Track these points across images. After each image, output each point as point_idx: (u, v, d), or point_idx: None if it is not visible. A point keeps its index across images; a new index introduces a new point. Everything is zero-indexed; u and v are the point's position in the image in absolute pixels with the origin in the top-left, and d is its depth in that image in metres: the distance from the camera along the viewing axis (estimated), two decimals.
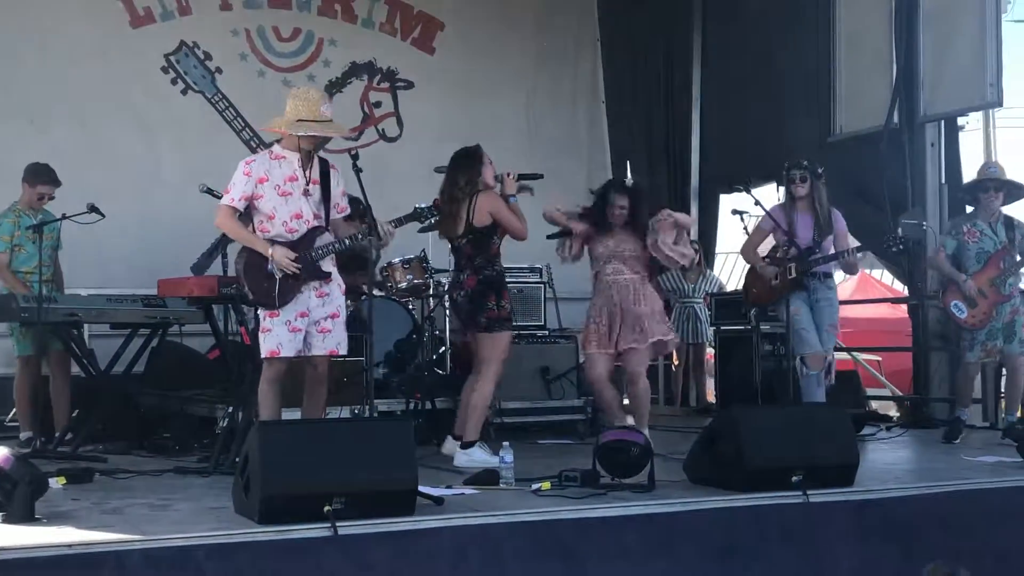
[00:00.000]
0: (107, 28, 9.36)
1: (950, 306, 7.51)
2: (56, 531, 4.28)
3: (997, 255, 7.44)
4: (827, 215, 7.27)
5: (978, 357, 7.51)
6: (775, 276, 7.32)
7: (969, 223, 7.59)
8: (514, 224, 6.48)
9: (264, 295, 5.54)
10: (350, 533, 4.32)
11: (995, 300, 7.40)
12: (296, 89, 5.81)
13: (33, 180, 7.28)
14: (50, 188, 7.30)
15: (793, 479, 5.10)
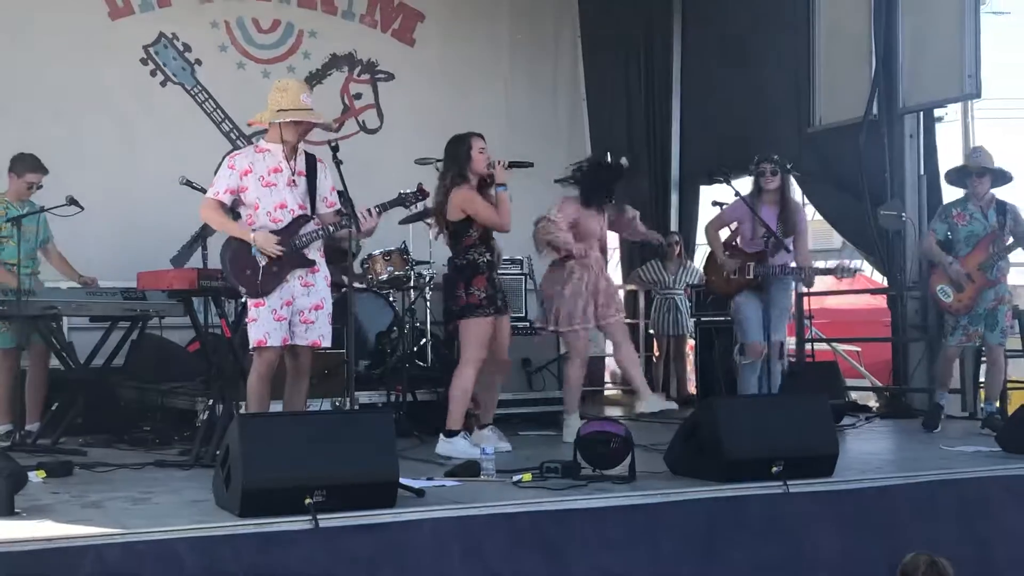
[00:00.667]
0: (85, 19, 9.29)
1: (936, 289, 7.46)
2: (36, 525, 4.26)
3: (986, 239, 7.36)
4: (794, 212, 7.37)
5: (959, 341, 7.46)
6: (734, 271, 7.43)
7: (959, 207, 7.53)
8: (490, 218, 6.45)
9: (248, 283, 5.56)
10: (331, 525, 4.31)
11: (981, 285, 7.33)
12: (278, 81, 5.84)
13: (20, 169, 7.25)
14: (38, 176, 7.26)
15: (773, 469, 5.14)
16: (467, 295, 6.48)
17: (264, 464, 4.40)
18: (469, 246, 6.52)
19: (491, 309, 6.47)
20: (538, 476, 5.30)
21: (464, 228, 6.51)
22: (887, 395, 9.43)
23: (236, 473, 4.40)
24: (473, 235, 6.51)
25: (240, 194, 5.64)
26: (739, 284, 7.41)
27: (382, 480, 4.59)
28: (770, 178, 7.33)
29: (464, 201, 6.45)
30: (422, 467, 5.75)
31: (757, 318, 7.29)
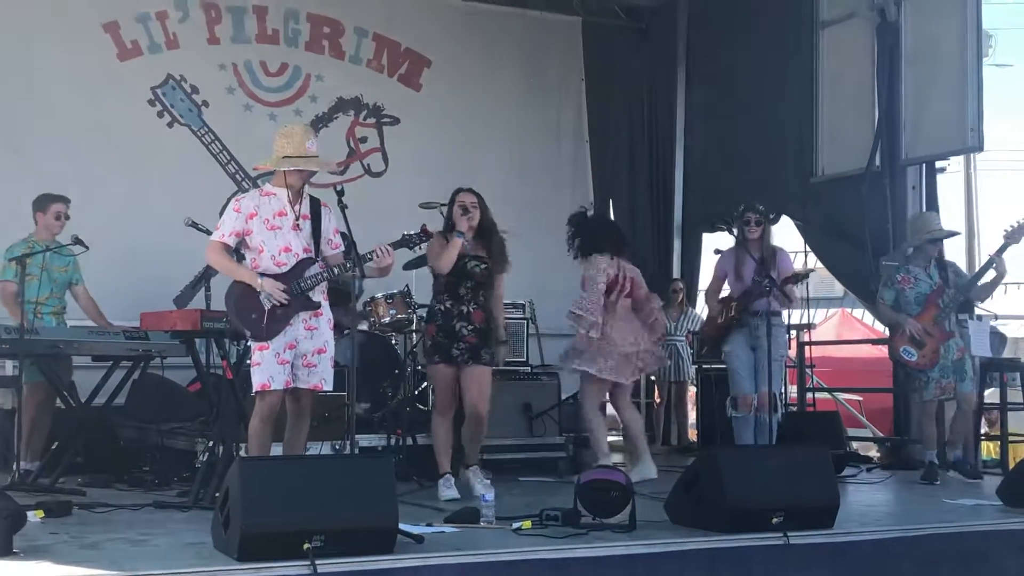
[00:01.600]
0: (94, 60, 9.38)
1: (900, 351, 7.64)
2: (34, 566, 4.26)
3: (934, 294, 7.60)
4: (771, 254, 7.49)
5: (933, 395, 7.61)
6: (720, 314, 7.57)
7: (902, 272, 7.74)
8: (430, 258, 6.59)
9: (254, 326, 5.57)
10: (329, 571, 4.29)
11: (940, 338, 7.53)
12: (283, 128, 5.86)
13: (44, 204, 7.30)
14: (63, 205, 7.32)
15: (774, 520, 5.12)
16: (422, 343, 6.71)
17: (263, 508, 4.39)
18: (437, 292, 6.67)
19: (436, 357, 6.52)
20: (538, 524, 5.29)
21: (434, 274, 6.69)
22: (888, 445, 9.40)
23: (235, 516, 4.39)
24: (440, 280, 6.64)
25: (245, 237, 5.67)
26: (725, 326, 7.51)
27: (381, 526, 4.59)
28: (754, 227, 7.49)
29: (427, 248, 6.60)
30: (421, 512, 5.73)
31: (748, 369, 7.40)
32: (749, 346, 7.38)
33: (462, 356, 6.50)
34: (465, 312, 6.56)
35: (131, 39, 9.52)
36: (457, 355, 6.50)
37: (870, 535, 5.39)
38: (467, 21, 10.78)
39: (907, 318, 7.59)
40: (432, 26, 10.67)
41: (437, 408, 6.69)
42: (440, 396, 6.62)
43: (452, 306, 6.55)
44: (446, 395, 6.58)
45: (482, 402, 6.57)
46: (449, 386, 6.56)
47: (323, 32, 10.25)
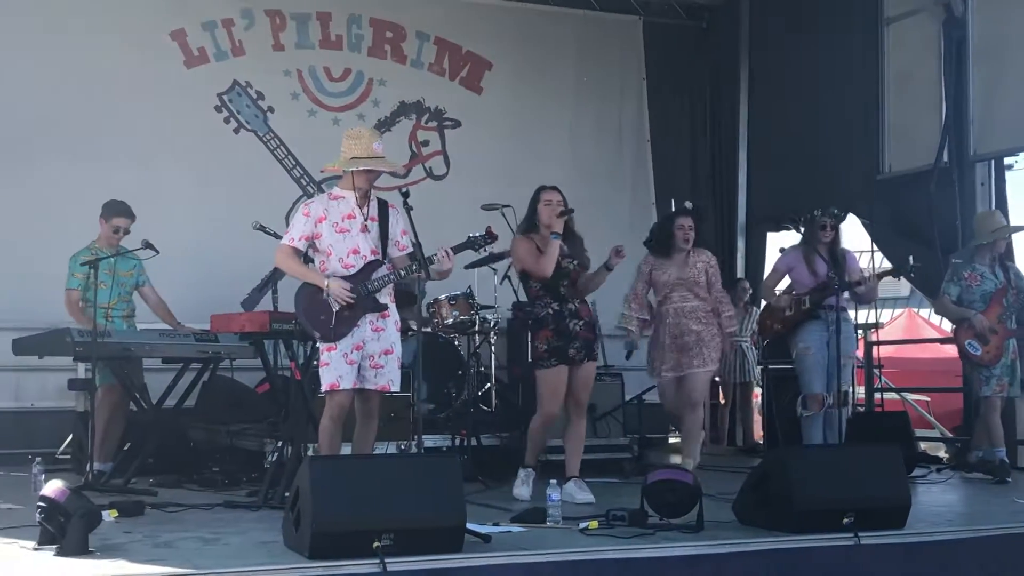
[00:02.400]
0: (162, 68, 9.52)
1: (965, 345, 7.67)
2: (109, 564, 4.34)
3: (999, 293, 7.67)
4: (842, 254, 7.52)
5: (993, 391, 7.65)
6: (789, 307, 7.54)
7: (968, 268, 7.75)
8: (527, 264, 6.48)
9: (322, 327, 5.62)
10: (399, 569, 4.33)
11: (1004, 335, 7.62)
12: (350, 130, 5.91)
13: (108, 214, 7.41)
14: (124, 220, 7.42)
15: (844, 521, 5.07)
16: (532, 348, 6.54)
17: (333, 507, 4.43)
18: (535, 298, 6.55)
19: (553, 360, 6.43)
20: (604, 524, 5.28)
21: (525, 279, 6.60)
22: (957, 446, 9.26)
23: (305, 515, 4.45)
24: (535, 286, 6.54)
25: (314, 240, 5.73)
26: (795, 319, 7.49)
27: (449, 525, 4.61)
28: (829, 231, 7.51)
29: (513, 252, 6.59)
30: (488, 512, 5.76)
31: (822, 368, 7.35)
32: (824, 342, 7.32)
33: (578, 355, 6.44)
34: (574, 310, 6.50)
35: (198, 46, 9.66)
36: (573, 354, 6.42)
37: (942, 535, 5.33)
38: (528, 23, 10.80)
39: (975, 313, 7.60)
40: (493, 28, 10.70)
41: (546, 415, 6.46)
42: (552, 400, 6.44)
43: (560, 307, 6.47)
44: (558, 399, 6.45)
45: (585, 395, 6.59)
46: (561, 387, 6.44)
47: (385, 37, 10.32)
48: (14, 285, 8.64)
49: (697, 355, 7.09)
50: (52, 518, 4.62)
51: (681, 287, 7.12)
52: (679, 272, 7.13)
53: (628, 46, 11.22)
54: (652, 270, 7.20)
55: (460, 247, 5.93)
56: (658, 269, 7.18)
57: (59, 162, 8.99)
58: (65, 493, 4.65)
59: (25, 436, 8.49)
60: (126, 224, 7.42)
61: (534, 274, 6.47)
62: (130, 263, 7.49)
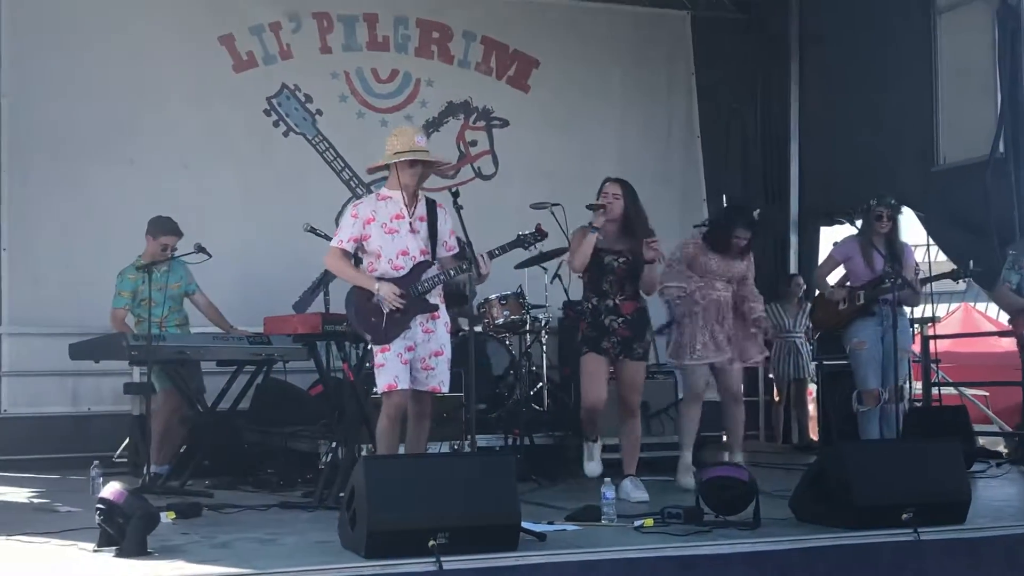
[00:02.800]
0: (211, 72, 9.59)
1: None
2: (168, 565, 4.37)
3: None
4: (900, 248, 7.40)
5: None
6: (843, 300, 7.43)
7: None
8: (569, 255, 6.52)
9: (374, 330, 5.63)
10: (454, 568, 4.32)
11: None
12: (394, 129, 5.94)
13: (156, 231, 7.48)
14: (173, 239, 7.48)
15: (903, 516, 5.00)
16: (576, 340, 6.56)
17: (389, 506, 4.44)
18: (584, 290, 6.59)
19: (584, 348, 6.43)
20: (660, 521, 5.25)
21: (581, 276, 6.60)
22: (1017, 440, 9.13)
23: (361, 514, 4.46)
24: (583, 278, 6.56)
25: (363, 242, 5.74)
26: (849, 314, 7.39)
27: (504, 523, 4.61)
28: (885, 222, 7.38)
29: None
30: (542, 511, 5.74)
31: (877, 363, 7.26)
32: (879, 337, 7.23)
33: (613, 349, 6.40)
34: (612, 306, 6.43)
35: (246, 51, 9.71)
36: (608, 347, 6.39)
37: (1004, 530, 5.24)
38: (574, 20, 10.75)
39: None
40: (540, 27, 10.66)
41: (583, 402, 6.47)
42: (587, 389, 6.40)
43: (598, 302, 6.45)
44: (594, 384, 6.38)
45: (633, 396, 6.50)
46: (598, 375, 6.39)
47: (432, 37, 10.33)
48: (70, 291, 8.75)
49: (736, 348, 7.01)
50: (111, 520, 4.66)
51: (723, 279, 7.03)
52: (726, 265, 7.03)
53: (677, 41, 11.14)
54: (699, 254, 7.06)
55: (510, 245, 5.92)
56: (704, 256, 7.05)
57: (112, 169, 9.09)
58: (124, 495, 4.69)
59: (82, 440, 8.59)
60: (173, 242, 7.48)
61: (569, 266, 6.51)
62: (177, 274, 7.55)
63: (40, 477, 7.89)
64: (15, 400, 8.85)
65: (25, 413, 8.81)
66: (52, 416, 8.80)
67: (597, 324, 6.43)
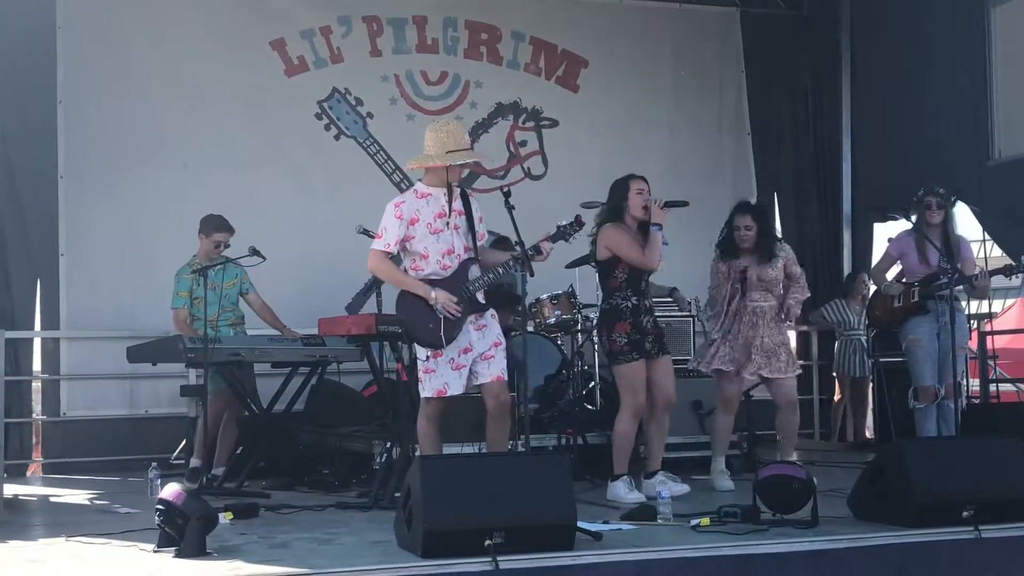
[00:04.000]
0: (263, 77, 9.67)
1: None
2: (227, 564, 4.41)
3: None
4: (956, 242, 7.29)
5: None
6: (898, 297, 7.33)
7: None
8: (634, 256, 6.41)
9: (431, 336, 5.56)
10: (511, 567, 4.33)
11: None
12: (435, 123, 5.84)
13: (208, 229, 7.56)
14: (224, 235, 7.56)
15: (964, 514, 4.95)
16: (610, 342, 6.50)
17: (444, 506, 4.46)
18: (615, 289, 6.53)
19: (634, 354, 6.41)
20: (716, 520, 5.22)
21: (610, 269, 6.54)
22: None
23: (417, 514, 4.47)
24: (620, 277, 6.50)
25: (407, 242, 5.64)
26: (904, 311, 7.32)
27: (560, 523, 4.61)
28: (935, 211, 7.30)
29: (608, 239, 6.49)
30: (596, 511, 5.73)
31: (933, 359, 7.20)
32: (934, 334, 7.15)
33: (653, 348, 6.46)
34: (648, 306, 6.54)
35: (297, 55, 9.79)
36: (650, 348, 6.44)
37: None
38: (623, 18, 10.71)
39: None
40: (588, 26, 10.64)
41: (633, 410, 6.44)
42: (638, 395, 6.42)
43: (638, 301, 6.48)
44: (643, 393, 6.44)
45: (673, 392, 6.56)
46: (644, 383, 6.43)
47: (481, 38, 10.34)
48: (127, 294, 8.88)
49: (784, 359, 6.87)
50: (171, 521, 4.72)
51: (760, 287, 6.88)
52: (759, 272, 6.87)
53: (726, 39, 11.08)
54: (727, 268, 6.94)
55: (552, 238, 5.86)
56: (731, 266, 6.92)
57: (166, 172, 9.19)
58: (182, 496, 4.75)
59: (140, 442, 8.70)
60: (226, 238, 7.55)
61: (639, 265, 6.42)
62: (232, 272, 7.62)
63: (99, 479, 8.02)
64: (74, 403, 8.97)
65: (84, 416, 8.93)
66: (111, 419, 8.91)
67: (638, 324, 6.45)
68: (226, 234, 7.56)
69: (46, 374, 9.00)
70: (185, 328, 7.43)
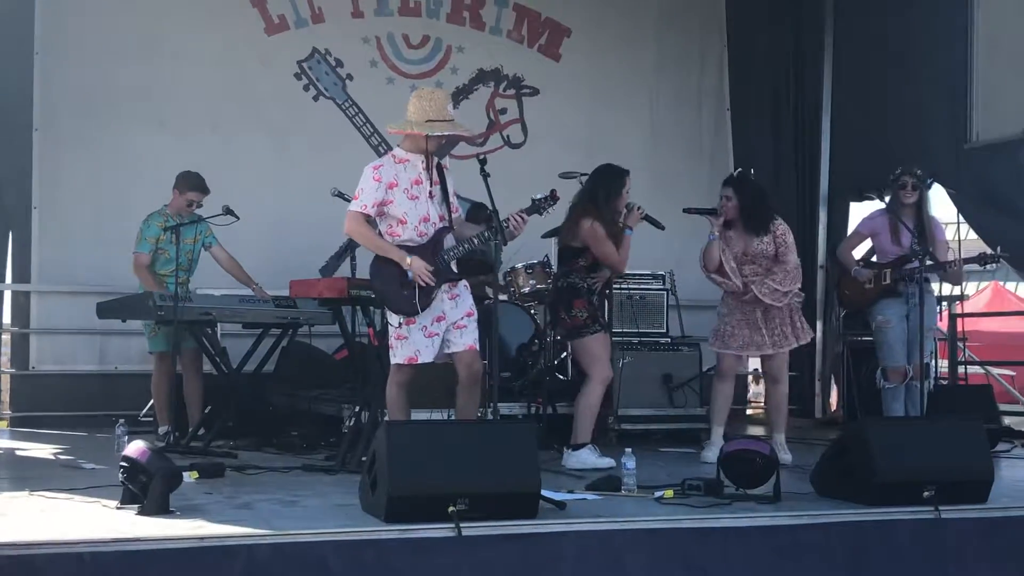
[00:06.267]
0: (242, 35, 9.59)
1: None
2: (189, 523, 4.41)
3: None
4: (929, 224, 7.33)
5: None
6: (869, 280, 7.40)
7: None
8: (609, 257, 6.59)
9: (404, 302, 5.55)
10: (473, 534, 4.35)
11: None
12: (420, 90, 5.81)
13: (183, 187, 7.50)
14: (199, 195, 7.51)
15: (925, 494, 4.99)
16: (571, 318, 6.62)
17: (409, 472, 4.47)
18: (574, 270, 6.67)
19: (596, 326, 6.61)
20: (680, 493, 5.26)
21: (577, 254, 6.68)
22: None
23: (382, 479, 4.48)
24: (583, 263, 6.66)
25: (385, 206, 5.62)
26: (875, 293, 7.37)
27: (524, 491, 4.62)
28: (910, 192, 7.33)
29: (590, 234, 6.57)
30: (562, 480, 5.77)
31: (901, 340, 7.24)
32: (903, 315, 7.19)
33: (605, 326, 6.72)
34: (598, 288, 6.81)
35: (278, 13, 9.70)
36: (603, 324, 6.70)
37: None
38: None
39: None
40: None
41: (604, 380, 6.64)
42: (607, 365, 6.70)
43: (593, 284, 6.72)
44: (608, 363, 6.71)
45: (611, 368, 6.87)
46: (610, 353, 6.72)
47: (464, 3, 10.27)
48: (99, 249, 8.81)
49: (777, 333, 6.87)
50: (134, 478, 4.71)
51: (749, 262, 6.87)
52: (744, 246, 6.86)
53: (709, 12, 11.03)
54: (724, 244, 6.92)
55: (527, 211, 5.86)
56: (727, 243, 6.91)
57: (142, 130, 9.14)
58: (147, 453, 4.73)
59: (109, 399, 8.67)
60: (199, 198, 7.51)
61: (610, 267, 6.66)
62: (195, 228, 7.54)
63: (67, 434, 8.00)
64: (43, 357, 8.96)
65: (53, 370, 8.92)
66: (80, 374, 8.90)
67: (591, 302, 6.69)
68: (200, 194, 7.51)
69: (16, 327, 8.96)
70: (146, 274, 7.39)
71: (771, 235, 6.86)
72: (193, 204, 7.50)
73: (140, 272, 7.44)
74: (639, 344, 8.05)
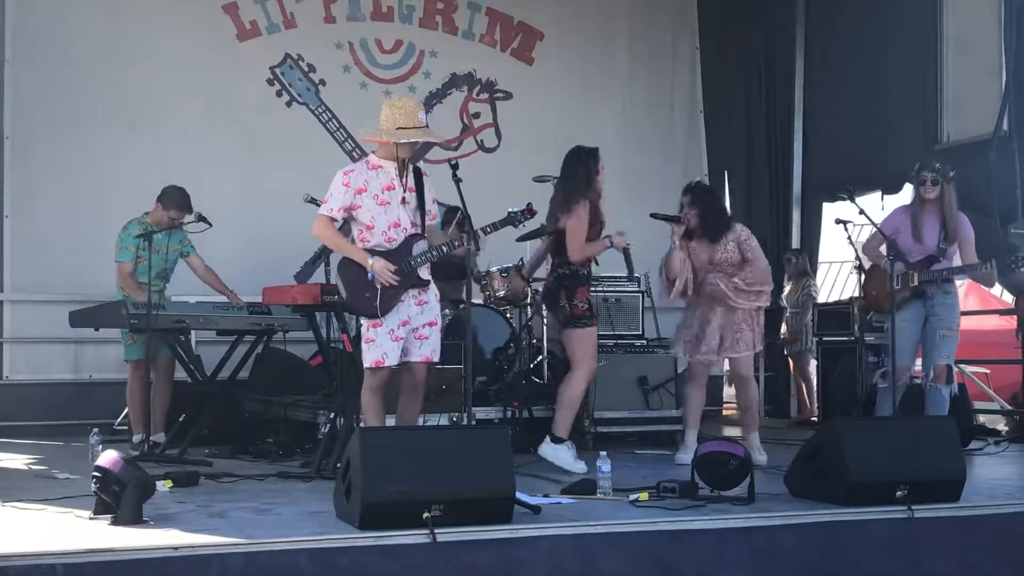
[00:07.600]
0: (214, 40, 9.59)
1: None
2: (163, 533, 4.38)
3: None
4: (955, 220, 7.09)
5: None
6: (898, 279, 7.06)
7: None
8: (574, 245, 6.49)
9: (366, 305, 5.60)
10: (448, 540, 4.34)
11: None
12: (391, 98, 5.84)
13: (167, 203, 7.44)
14: (181, 213, 7.44)
15: (898, 494, 5.01)
16: (572, 307, 6.56)
17: (384, 478, 4.45)
18: (571, 261, 6.58)
19: (593, 319, 6.58)
20: (655, 495, 5.27)
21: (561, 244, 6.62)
22: (1016, 419, 9.13)
23: (356, 486, 4.47)
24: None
25: (353, 211, 5.65)
26: (902, 296, 7.05)
27: (499, 496, 4.62)
28: (930, 187, 7.08)
29: (571, 222, 6.51)
30: (538, 484, 5.76)
31: (913, 342, 7.11)
32: (923, 317, 7.05)
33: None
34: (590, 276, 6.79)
35: (250, 19, 9.70)
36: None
37: (998, 509, 5.24)
38: None
39: None
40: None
41: (590, 373, 6.59)
42: (592, 360, 6.61)
43: (588, 272, 6.69)
44: (595, 357, 6.67)
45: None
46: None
47: (436, 8, 10.29)
48: (73, 257, 8.79)
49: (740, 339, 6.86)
50: (107, 488, 4.67)
51: (716, 270, 6.85)
52: (709, 254, 6.86)
53: (681, 14, 11.11)
54: (689, 253, 6.91)
55: (500, 224, 5.91)
56: (692, 252, 6.90)
57: (114, 135, 9.13)
58: (120, 463, 4.70)
59: (83, 407, 8.63)
60: (181, 216, 7.46)
61: (569, 253, 6.50)
62: (176, 238, 7.52)
63: (41, 444, 7.94)
64: (17, 366, 8.92)
65: (27, 380, 8.88)
66: (54, 383, 8.86)
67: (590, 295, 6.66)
68: (183, 213, 7.45)
69: None
70: (131, 282, 7.34)
71: (734, 242, 6.87)
72: (175, 221, 7.46)
73: (125, 280, 7.40)
74: (614, 346, 8.07)
